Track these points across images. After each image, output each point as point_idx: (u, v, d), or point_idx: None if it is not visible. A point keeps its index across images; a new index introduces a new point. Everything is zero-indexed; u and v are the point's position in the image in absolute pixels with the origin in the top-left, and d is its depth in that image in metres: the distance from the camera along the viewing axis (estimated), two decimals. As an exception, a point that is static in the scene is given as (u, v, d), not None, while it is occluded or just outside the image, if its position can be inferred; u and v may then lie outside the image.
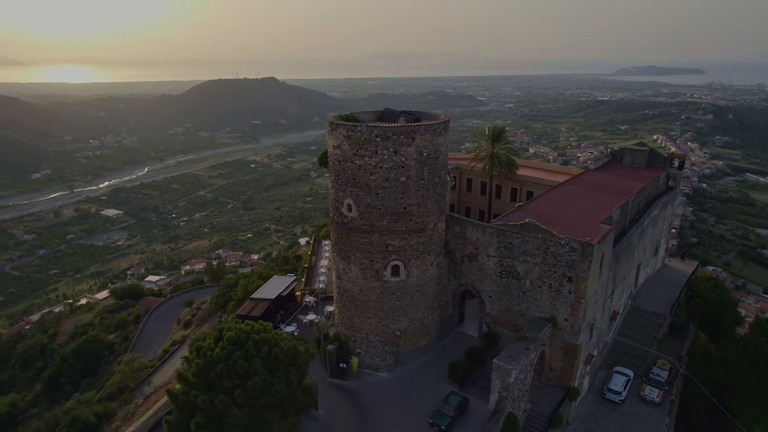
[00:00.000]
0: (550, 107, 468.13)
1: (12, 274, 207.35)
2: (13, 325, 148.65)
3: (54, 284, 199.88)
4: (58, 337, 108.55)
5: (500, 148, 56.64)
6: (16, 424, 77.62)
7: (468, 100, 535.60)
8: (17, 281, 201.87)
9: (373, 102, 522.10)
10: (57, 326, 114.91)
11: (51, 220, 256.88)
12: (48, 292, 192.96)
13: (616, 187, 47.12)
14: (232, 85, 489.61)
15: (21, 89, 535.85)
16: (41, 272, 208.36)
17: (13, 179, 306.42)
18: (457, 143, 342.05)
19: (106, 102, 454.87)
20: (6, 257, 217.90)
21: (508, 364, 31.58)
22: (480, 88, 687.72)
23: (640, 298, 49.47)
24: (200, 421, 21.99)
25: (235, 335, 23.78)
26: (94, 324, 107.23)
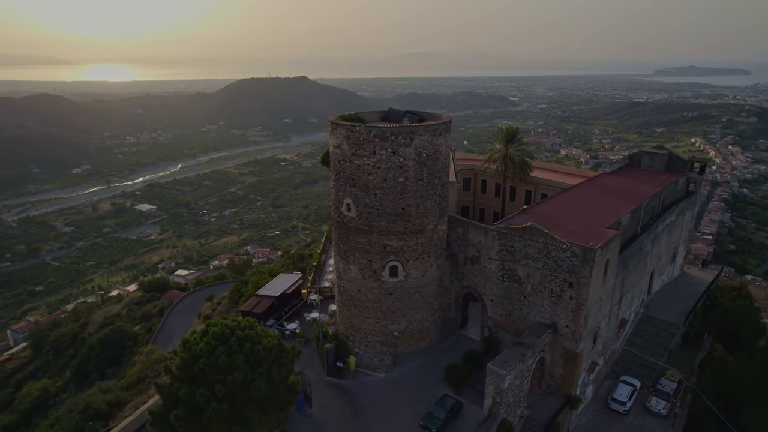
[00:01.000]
0: (583, 108, 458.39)
1: (52, 264, 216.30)
2: (51, 313, 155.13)
3: (90, 275, 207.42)
4: (88, 326, 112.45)
5: (514, 149, 55.96)
6: (47, 408, 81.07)
7: (499, 100, 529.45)
8: (57, 271, 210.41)
9: (403, 102, 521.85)
10: (88, 316, 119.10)
11: (89, 214, 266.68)
12: (84, 282, 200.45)
13: (629, 192, 45.85)
14: (265, 84, 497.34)
15: (66, 87, 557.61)
16: (79, 263, 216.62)
17: (56, 174, 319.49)
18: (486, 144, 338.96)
19: (143, 100, 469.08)
20: (47, 248, 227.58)
21: (502, 370, 31.14)
22: (512, 88, 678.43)
23: (653, 306, 47.96)
24: (180, 414, 22.51)
25: (219, 331, 24.22)
26: (122, 315, 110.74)
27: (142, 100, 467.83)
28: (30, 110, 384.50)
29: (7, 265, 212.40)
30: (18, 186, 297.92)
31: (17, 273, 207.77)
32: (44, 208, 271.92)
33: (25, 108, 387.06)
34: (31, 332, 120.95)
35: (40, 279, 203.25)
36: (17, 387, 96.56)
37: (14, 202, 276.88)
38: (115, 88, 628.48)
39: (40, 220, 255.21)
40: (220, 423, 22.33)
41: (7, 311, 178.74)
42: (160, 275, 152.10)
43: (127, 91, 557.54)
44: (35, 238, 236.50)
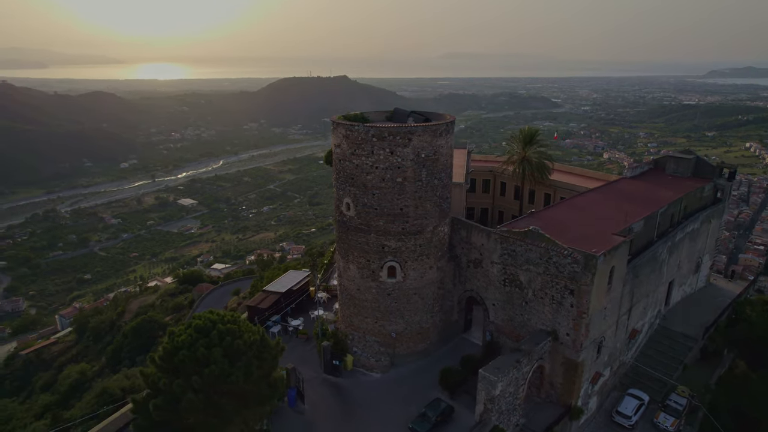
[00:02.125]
0: (628, 111, 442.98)
1: (99, 254, 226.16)
2: (96, 301, 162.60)
3: (133, 266, 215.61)
4: (125, 314, 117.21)
5: (532, 151, 54.90)
6: (83, 390, 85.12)
7: (541, 102, 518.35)
8: (103, 261, 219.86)
9: (443, 102, 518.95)
10: (126, 305, 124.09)
11: (134, 207, 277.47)
12: (128, 273, 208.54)
13: (647, 197, 44.10)
14: (306, 83, 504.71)
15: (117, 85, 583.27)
16: (123, 254, 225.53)
17: (106, 168, 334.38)
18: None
19: (189, 97, 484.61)
20: (95, 239, 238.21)
21: (494, 376, 30.54)
22: (555, 90, 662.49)
23: (671, 318, 45.95)
24: (158, 403, 23.21)
25: (202, 324, 24.81)
26: (155, 305, 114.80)
27: (187, 97, 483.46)
28: (85, 107, 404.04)
29: (59, 254, 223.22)
30: (72, 179, 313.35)
31: (68, 261, 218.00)
32: (94, 200, 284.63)
33: (80, 105, 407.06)
34: (75, 318, 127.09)
35: (88, 268, 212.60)
36: (59, 369, 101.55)
37: (68, 194, 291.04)
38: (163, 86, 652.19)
39: (90, 211, 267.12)
40: (196, 414, 22.90)
41: (57, 297, 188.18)
42: (194, 268, 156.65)
43: (174, 89, 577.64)
44: (85, 229, 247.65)
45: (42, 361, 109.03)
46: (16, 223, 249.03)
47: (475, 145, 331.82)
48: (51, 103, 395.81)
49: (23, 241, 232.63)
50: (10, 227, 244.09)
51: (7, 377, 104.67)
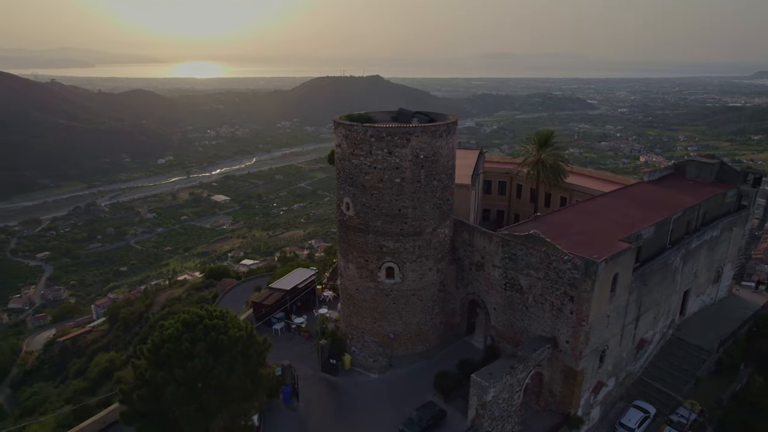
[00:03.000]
0: (668, 113, 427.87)
1: (135, 247, 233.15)
2: (129, 292, 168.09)
3: (167, 260, 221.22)
4: (153, 306, 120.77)
5: (547, 154, 53.91)
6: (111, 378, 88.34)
7: (576, 103, 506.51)
8: (138, 254, 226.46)
9: (476, 103, 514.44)
10: (154, 297, 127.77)
11: (169, 202, 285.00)
12: (161, 266, 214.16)
13: (662, 203, 42.57)
14: (339, 83, 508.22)
15: (157, 84, 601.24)
16: (158, 248, 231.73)
17: (144, 164, 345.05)
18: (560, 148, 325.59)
19: (224, 95, 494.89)
20: (132, 232, 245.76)
21: (486, 381, 30.05)
22: (591, 91, 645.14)
23: (686, 329, 44.18)
24: (142, 394, 23.85)
25: (189, 318, 25.35)
26: (181, 299, 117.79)
27: (223, 96, 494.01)
28: (126, 105, 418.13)
29: (98, 246, 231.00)
30: (111, 174, 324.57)
31: (106, 253, 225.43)
32: (132, 195, 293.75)
33: (122, 103, 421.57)
34: (108, 308, 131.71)
35: (124, 260, 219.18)
36: (91, 357, 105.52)
37: (107, 189, 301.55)
38: (200, 84, 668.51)
39: (127, 205, 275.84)
40: (177, 406, 23.40)
41: (95, 288, 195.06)
42: (221, 263, 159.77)
43: (211, 87, 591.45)
44: (122, 223, 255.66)
45: (77, 348, 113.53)
46: (60, 215, 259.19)
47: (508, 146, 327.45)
48: (95, 101, 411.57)
49: (66, 233, 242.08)
50: (54, 219, 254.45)
51: (46, 362, 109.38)
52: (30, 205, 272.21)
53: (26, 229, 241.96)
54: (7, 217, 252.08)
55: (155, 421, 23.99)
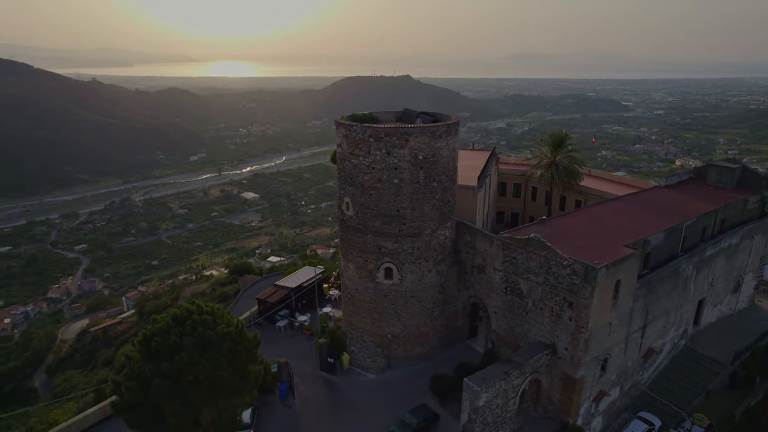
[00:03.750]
0: (707, 116, 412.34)
1: (166, 242, 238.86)
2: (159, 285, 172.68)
3: (197, 255, 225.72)
4: (178, 300, 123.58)
5: (562, 156, 52.87)
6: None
7: (611, 104, 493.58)
8: (169, 249, 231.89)
9: (507, 103, 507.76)
10: (180, 291, 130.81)
11: (200, 198, 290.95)
12: (191, 261, 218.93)
13: (676, 208, 41.17)
14: (369, 82, 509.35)
15: (191, 82, 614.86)
16: (188, 243, 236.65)
17: (177, 160, 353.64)
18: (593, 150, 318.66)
19: (256, 95, 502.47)
20: (164, 227, 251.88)
21: (478, 386, 29.65)
22: (626, 92, 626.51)
23: (700, 339, 42.57)
24: (131, 385, 24.48)
25: (179, 313, 25.92)
26: (205, 293, 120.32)
27: (255, 94, 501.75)
28: (161, 103, 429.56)
29: (131, 240, 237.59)
30: (146, 170, 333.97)
31: (139, 247, 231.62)
32: (165, 191, 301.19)
33: (157, 101, 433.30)
34: (137, 301, 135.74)
35: (156, 254, 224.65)
36: (119, 347, 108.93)
37: (142, 184, 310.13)
38: (233, 83, 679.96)
39: (160, 201, 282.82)
40: (163, 398, 23.93)
41: (127, 280, 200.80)
42: (245, 260, 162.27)
43: (243, 86, 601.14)
44: (155, 218, 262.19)
45: (107, 339, 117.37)
46: (97, 209, 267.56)
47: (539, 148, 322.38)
48: (132, 99, 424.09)
49: (102, 226, 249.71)
50: (91, 213, 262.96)
51: (78, 351, 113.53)
52: (70, 199, 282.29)
53: (66, 222, 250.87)
54: (49, 210, 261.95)
55: (143, 411, 24.59)
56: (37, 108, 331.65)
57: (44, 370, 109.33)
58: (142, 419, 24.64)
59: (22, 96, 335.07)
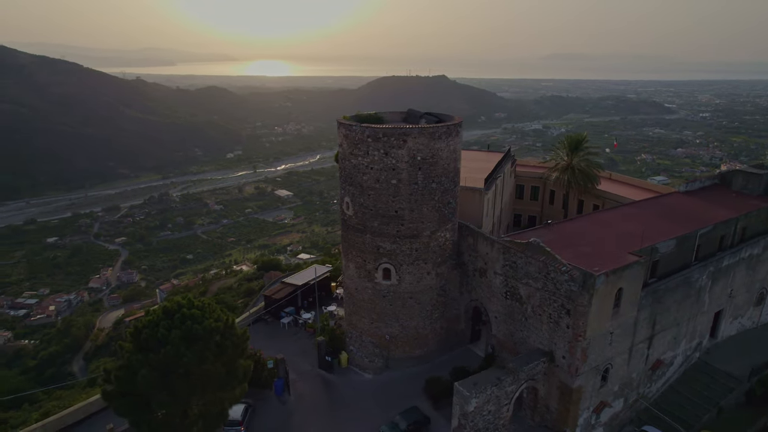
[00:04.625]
0: (757, 119, 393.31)
1: (201, 237, 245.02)
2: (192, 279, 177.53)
3: (230, 250, 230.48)
4: (206, 294, 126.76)
5: (579, 159, 51.62)
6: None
7: (652, 106, 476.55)
8: (204, 243, 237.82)
9: (544, 104, 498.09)
10: (209, 285, 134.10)
11: (235, 195, 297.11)
12: (224, 256, 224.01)
13: (693, 215, 39.51)
14: (403, 82, 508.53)
15: (230, 81, 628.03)
16: (222, 238, 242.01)
17: (214, 157, 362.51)
18: (632, 153, 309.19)
19: (292, 93, 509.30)
20: (199, 222, 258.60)
21: (468, 391, 29.24)
22: (670, 94, 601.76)
23: (716, 353, 40.69)
24: (119, 374, 25.30)
25: (170, 306, 26.57)
26: (232, 288, 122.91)
27: (291, 93, 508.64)
28: (200, 101, 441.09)
29: (168, 234, 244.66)
30: (184, 166, 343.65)
31: (175, 241, 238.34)
32: (201, 187, 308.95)
33: (196, 99, 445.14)
34: (169, 293, 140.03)
35: (191, 249, 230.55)
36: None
37: (180, 180, 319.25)
38: (270, 82, 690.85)
39: (197, 197, 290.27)
40: (149, 389, 24.59)
41: (163, 273, 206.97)
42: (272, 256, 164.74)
43: (280, 85, 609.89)
44: (191, 213, 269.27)
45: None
46: (137, 203, 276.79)
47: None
48: (173, 97, 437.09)
49: (140, 220, 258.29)
50: (131, 207, 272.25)
51: (114, 339, 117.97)
52: (112, 193, 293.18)
53: (108, 215, 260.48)
54: (93, 204, 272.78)
55: (131, 401, 25.33)
56: (86, 106, 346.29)
57: (82, 356, 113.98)
58: (130, 408, 25.40)
59: (72, 94, 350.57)
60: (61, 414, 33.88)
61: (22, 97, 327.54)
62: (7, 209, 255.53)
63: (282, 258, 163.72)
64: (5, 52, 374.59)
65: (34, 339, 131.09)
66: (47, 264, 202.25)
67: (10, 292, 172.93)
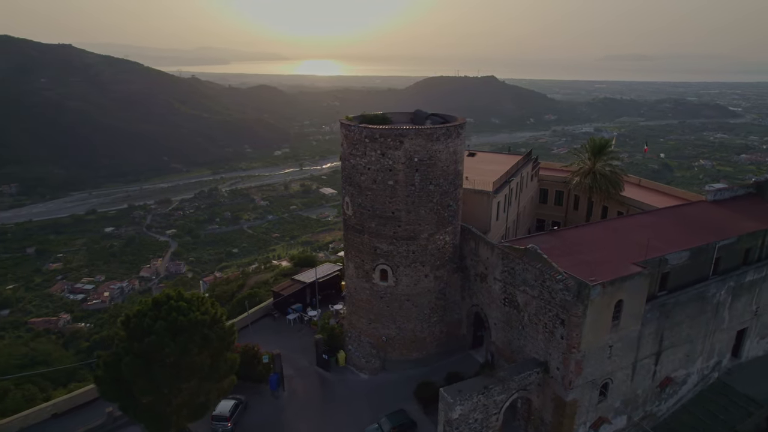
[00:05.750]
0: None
1: (247, 231, 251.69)
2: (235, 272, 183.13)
3: (274, 245, 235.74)
4: (243, 288, 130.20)
5: (603, 164, 49.71)
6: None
7: (715, 110, 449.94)
8: (249, 238, 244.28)
9: (596, 107, 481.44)
10: (246, 279, 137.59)
11: (281, 191, 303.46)
12: (268, 251, 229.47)
13: (716, 226, 37.18)
14: (451, 83, 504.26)
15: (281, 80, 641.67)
16: (267, 234, 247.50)
17: (262, 154, 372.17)
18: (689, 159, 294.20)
19: (341, 93, 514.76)
20: (246, 217, 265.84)
21: (451, 398, 28.69)
22: (736, 96, 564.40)
23: (738, 374, 38.07)
24: (107, 359, 26.46)
25: (159, 298, 27.52)
26: (268, 283, 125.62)
27: (339, 93, 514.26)
28: (251, 99, 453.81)
29: (215, 228, 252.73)
30: (233, 162, 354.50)
31: (222, 235, 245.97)
32: (249, 183, 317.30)
33: (247, 97, 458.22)
34: (210, 285, 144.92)
35: (236, 243, 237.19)
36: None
37: (228, 176, 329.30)
38: (319, 81, 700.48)
39: (244, 192, 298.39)
40: (133, 376, 25.58)
41: (209, 265, 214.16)
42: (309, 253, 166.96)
43: (328, 84, 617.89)
44: (238, 208, 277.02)
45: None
46: (187, 197, 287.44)
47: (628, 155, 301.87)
48: (225, 95, 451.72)
49: (190, 213, 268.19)
50: (182, 200, 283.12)
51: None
52: (165, 186, 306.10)
53: (160, 208, 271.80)
54: (147, 196, 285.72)
55: (118, 387, 26.44)
56: (144, 103, 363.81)
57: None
58: (116, 394, 26.51)
59: (132, 92, 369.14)
60: (72, 394, 35.66)
61: (88, 94, 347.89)
62: (72, 200, 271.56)
63: (321, 255, 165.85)
64: (75, 52, 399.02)
65: (89, 322, 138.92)
66: (104, 252, 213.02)
67: (71, 277, 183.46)
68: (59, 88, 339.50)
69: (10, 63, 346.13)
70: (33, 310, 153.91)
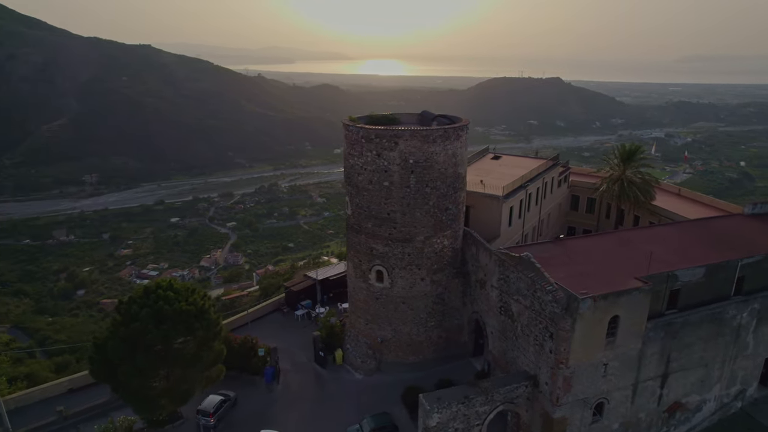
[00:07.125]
0: None
1: (303, 227, 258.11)
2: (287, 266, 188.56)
3: (328, 242, 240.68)
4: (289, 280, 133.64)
5: (632, 170, 47.04)
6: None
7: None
8: (305, 234, 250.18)
9: (669, 111, 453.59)
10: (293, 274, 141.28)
11: (338, 189, 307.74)
12: (322, 247, 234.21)
13: (746, 242, 34.14)
14: (515, 84, 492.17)
15: (343, 80, 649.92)
16: (322, 230, 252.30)
17: (321, 152, 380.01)
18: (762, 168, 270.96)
19: (402, 93, 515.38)
20: (302, 213, 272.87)
21: (429, 405, 28.09)
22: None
23: (765, 405, 34.72)
24: (97, 342, 28.07)
25: (150, 286, 28.86)
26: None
27: (400, 93, 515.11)
28: (313, 98, 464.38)
29: (273, 222, 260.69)
30: (294, 159, 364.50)
31: (279, 229, 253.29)
32: (307, 179, 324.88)
33: (310, 96, 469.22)
34: (262, 277, 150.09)
35: (292, 238, 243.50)
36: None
37: (288, 172, 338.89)
38: (381, 80, 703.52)
39: (302, 189, 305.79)
40: (116, 359, 27.02)
41: (265, 258, 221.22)
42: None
43: (390, 84, 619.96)
44: (296, 203, 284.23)
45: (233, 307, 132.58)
46: (249, 192, 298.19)
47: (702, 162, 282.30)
48: (289, 93, 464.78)
49: (250, 207, 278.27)
50: (244, 195, 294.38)
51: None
52: (228, 180, 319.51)
53: (222, 201, 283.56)
54: (211, 189, 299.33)
55: (105, 368, 28.01)
56: (215, 100, 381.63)
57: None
58: (104, 374, 28.09)
59: (203, 90, 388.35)
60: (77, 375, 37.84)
61: (163, 91, 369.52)
62: (143, 190, 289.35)
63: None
64: (153, 52, 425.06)
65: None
66: (169, 241, 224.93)
67: (138, 264, 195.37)
68: (138, 86, 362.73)
69: (99, 63, 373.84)
70: (105, 291, 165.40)
